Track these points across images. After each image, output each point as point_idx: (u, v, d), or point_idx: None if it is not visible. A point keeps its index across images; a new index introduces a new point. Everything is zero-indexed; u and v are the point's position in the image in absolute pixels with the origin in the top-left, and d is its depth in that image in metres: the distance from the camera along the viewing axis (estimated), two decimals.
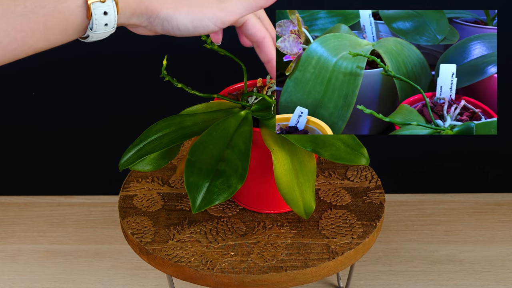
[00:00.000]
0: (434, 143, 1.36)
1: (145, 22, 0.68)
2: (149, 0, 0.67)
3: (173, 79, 0.88)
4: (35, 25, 0.58)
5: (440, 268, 1.23)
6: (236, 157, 0.82)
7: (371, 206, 0.96)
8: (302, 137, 0.83)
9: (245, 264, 0.87)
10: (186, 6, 0.69)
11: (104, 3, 0.63)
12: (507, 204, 1.39)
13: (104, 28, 0.66)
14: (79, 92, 1.30)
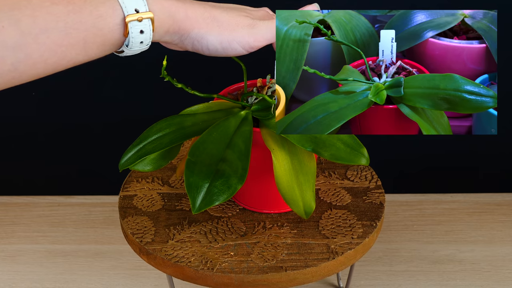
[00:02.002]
0: (434, 143, 1.36)
1: (177, 40, 0.71)
2: (182, 20, 0.69)
3: (173, 79, 0.88)
4: (75, 40, 0.60)
5: (440, 268, 1.23)
6: (236, 157, 0.82)
7: (371, 206, 0.96)
8: (302, 137, 0.83)
9: (245, 264, 0.87)
10: (217, 28, 0.71)
11: (141, 22, 0.65)
12: (507, 204, 1.39)
13: (139, 45, 0.67)
14: (79, 92, 1.30)
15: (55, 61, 0.60)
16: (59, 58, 0.61)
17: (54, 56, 0.60)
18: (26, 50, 0.58)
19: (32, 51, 0.58)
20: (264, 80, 0.95)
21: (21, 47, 0.58)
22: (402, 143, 1.36)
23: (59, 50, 0.60)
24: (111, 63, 1.27)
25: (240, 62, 0.89)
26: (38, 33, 0.58)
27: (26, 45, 0.58)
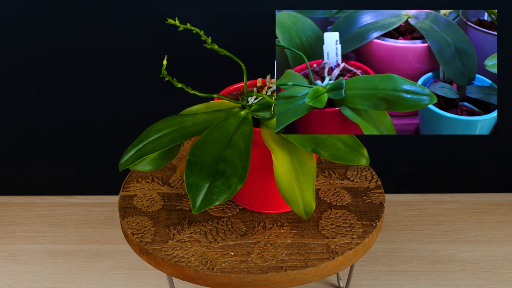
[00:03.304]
0: (434, 143, 1.36)
1: None
2: None
3: (173, 79, 0.88)
4: None
5: (440, 268, 1.23)
6: (236, 157, 0.82)
7: (371, 206, 0.96)
8: (302, 137, 0.83)
9: (245, 264, 0.87)
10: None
11: None
12: (507, 204, 1.39)
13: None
14: (79, 93, 1.30)
15: None
16: None
17: None
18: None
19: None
20: (264, 80, 0.95)
21: None
22: (402, 143, 1.36)
23: None
24: (111, 63, 1.27)
25: (240, 62, 0.89)
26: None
27: None
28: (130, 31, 1.23)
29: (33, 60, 1.27)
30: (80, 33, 1.23)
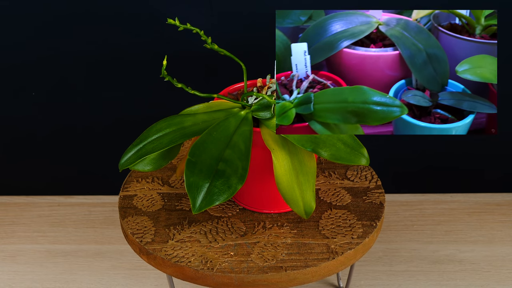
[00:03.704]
0: (434, 143, 1.36)
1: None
2: None
3: (173, 79, 0.88)
4: None
5: (440, 268, 1.23)
6: (236, 157, 0.82)
7: (371, 206, 0.96)
8: (302, 137, 0.83)
9: (245, 264, 0.87)
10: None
11: None
12: (507, 204, 1.39)
13: None
14: (79, 92, 1.30)
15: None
16: None
17: None
18: None
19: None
20: (264, 80, 0.95)
21: None
22: (402, 143, 1.36)
23: None
24: (111, 63, 1.27)
25: (240, 62, 0.89)
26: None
27: None
28: (130, 31, 1.23)
29: (33, 60, 1.27)
30: (80, 33, 1.23)
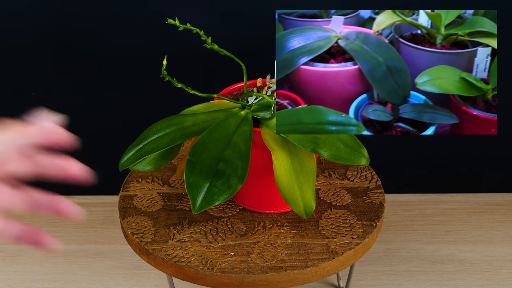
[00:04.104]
0: (434, 143, 1.36)
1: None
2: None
3: (173, 79, 0.88)
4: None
5: (440, 268, 1.23)
6: (236, 157, 0.82)
7: (371, 206, 0.96)
8: (302, 137, 0.83)
9: (245, 264, 0.87)
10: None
11: None
12: (507, 204, 1.39)
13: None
14: (79, 93, 1.30)
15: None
16: None
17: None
18: None
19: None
20: (264, 80, 0.95)
21: None
22: (402, 143, 1.36)
23: None
24: (111, 63, 1.27)
25: (240, 62, 0.89)
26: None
27: None
28: (130, 31, 1.23)
29: (33, 60, 1.27)
30: (80, 33, 1.23)
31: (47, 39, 1.24)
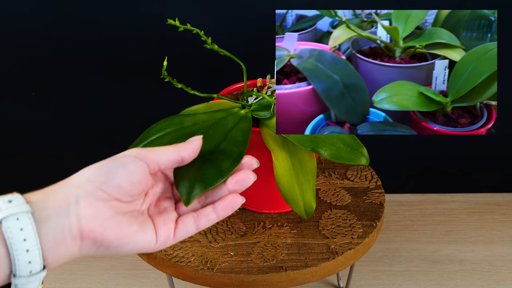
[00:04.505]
0: (434, 143, 1.36)
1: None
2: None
3: (173, 79, 0.88)
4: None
5: (440, 268, 1.23)
6: (233, 145, 0.76)
7: (371, 206, 0.96)
8: (302, 136, 0.83)
9: (245, 264, 0.87)
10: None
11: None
12: (507, 204, 1.39)
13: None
14: (79, 93, 1.30)
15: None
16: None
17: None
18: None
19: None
20: (264, 80, 0.95)
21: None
22: (402, 143, 1.36)
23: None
24: (111, 63, 1.27)
25: (240, 62, 0.89)
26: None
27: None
28: (130, 31, 1.23)
29: (33, 60, 1.27)
30: (80, 33, 1.23)
31: (47, 39, 1.24)
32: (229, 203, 0.62)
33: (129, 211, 0.57)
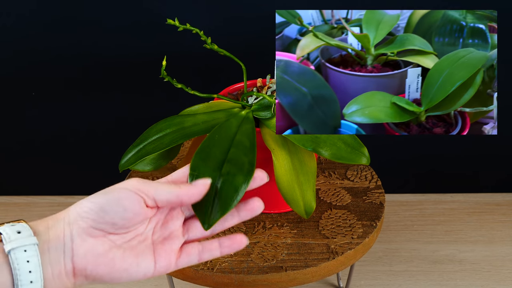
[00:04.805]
0: (434, 143, 1.36)
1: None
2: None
3: (173, 79, 0.88)
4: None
5: (440, 268, 1.23)
6: (241, 153, 0.74)
7: (371, 206, 0.96)
8: (303, 136, 0.83)
9: (245, 264, 0.87)
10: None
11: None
12: (507, 204, 1.39)
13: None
14: (79, 93, 1.30)
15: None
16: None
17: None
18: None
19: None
20: (264, 80, 0.95)
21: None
22: (402, 143, 1.36)
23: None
24: (111, 63, 1.27)
25: (240, 62, 0.89)
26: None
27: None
28: (130, 31, 1.23)
29: (33, 60, 1.27)
30: (80, 33, 1.23)
31: (47, 39, 1.24)
32: (235, 244, 0.61)
33: (127, 240, 0.58)
